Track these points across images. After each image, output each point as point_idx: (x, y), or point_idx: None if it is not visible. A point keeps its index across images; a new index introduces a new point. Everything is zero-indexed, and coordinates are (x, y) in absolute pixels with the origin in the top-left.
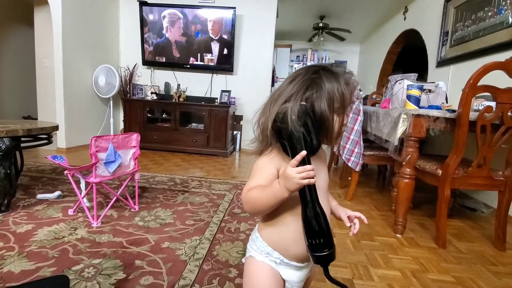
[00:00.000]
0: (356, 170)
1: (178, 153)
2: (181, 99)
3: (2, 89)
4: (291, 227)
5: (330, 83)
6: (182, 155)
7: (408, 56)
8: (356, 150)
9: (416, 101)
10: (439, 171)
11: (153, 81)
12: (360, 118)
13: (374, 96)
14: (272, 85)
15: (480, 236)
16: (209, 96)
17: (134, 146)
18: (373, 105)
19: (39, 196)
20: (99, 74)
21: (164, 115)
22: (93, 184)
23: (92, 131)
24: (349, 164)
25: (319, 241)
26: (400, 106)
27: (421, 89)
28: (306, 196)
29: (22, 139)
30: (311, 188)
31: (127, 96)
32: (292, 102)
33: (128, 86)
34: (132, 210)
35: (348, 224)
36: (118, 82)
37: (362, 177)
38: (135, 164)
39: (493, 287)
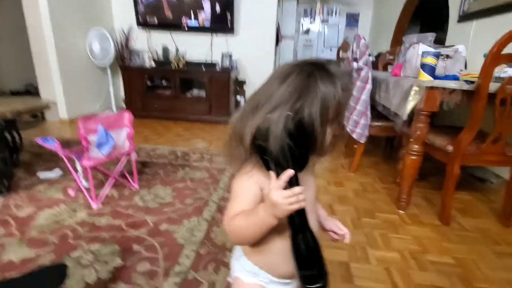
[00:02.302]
0: (361, 142)
1: (180, 121)
2: (180, 65)
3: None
4: (278, 247)
5: (326, 88)
6: (184, 123)
7: (428, 8)
8: (362, 121)
9: (431, 70)
10: (450, 147)
11: (150, 46)
12: (368, 87)
13: (389, 55)
14: (277, 44)
15: (487, 211)
16: (209, 60)
17: (127, 125)
18: (385, 66)
19: (40, 175)
20: (92, 39)
21: (164, 83)
22: (87, 166)
23: (94, 101)
24: (354, 136)
25: (312, 273)
26: (412, 74)
27: (438, 56)
28: (295, 222)
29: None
30: (301, 212)
31: (125, 63)
32: (279, 112)
33: (125, 52)
34: (132, 188)
35: (341, 232)
36: (113, 48)
37: (369, 144)
38: (130, 144)
39: (494, 269)
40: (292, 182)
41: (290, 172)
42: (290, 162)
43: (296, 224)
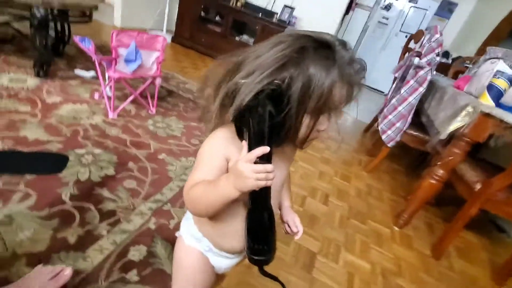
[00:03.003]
0: (388, 145)
1: None
2: (239, 4)
3: None
4: (230, 227)
5: (316, 70)
6: None
7: None
8: (397, 124)
9: (497, 95)
10: (478, 186)
11: None
12: (421, 90)
13: (468, 62)
14: (347, 12)
15: (486, 261)
16: (270, 8)
17: (159, 50)
18: (456, 74)
19: (76, 71)
20: None
21: (217, 18)
22: (112, 78)
23: (148, 17)
24: (383, 137)
25: (262, 247)
26: (476, 92)
27: None
28: (257, 199)
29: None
30: (266, 190)
31: None
32: (256, 76)
33: None
34: (149, 111)
35: (294, 230)
36: None
37: (398, 149)
38: (157, 68)
39: None
40: (264, 158)
41: (265, 148)
42: (266, 136)
43: (258, 201)
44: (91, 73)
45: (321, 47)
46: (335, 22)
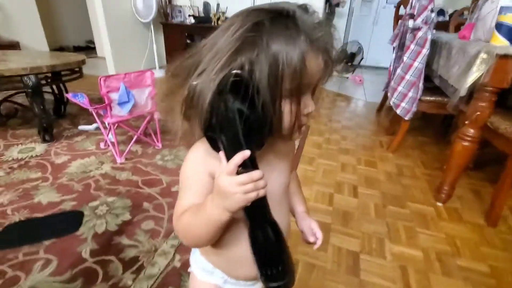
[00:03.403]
0: (406, 119)
1: None
2: (219, 22)
3: (63, 15)
4: (233, 247)
5: (279, 45)
6: None
7: None
8: (410, 94)
9: (508, 32)
10: None
11: (192, 1)
12: (425, 51)
13: (465, 13)
14: (331, 12)
15: None
16: None
17: (149, 85)
18: (458, 27)
19: (80, 127)
20: None
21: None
22: (110, 124)
23: (138, 58)
24: (398, 111)
25: (276, 270)
26: (485, 37)
27: None
28: (254, 215)
29: (63, 73)
30: (260, 203)
31: (167, 20)
32: (210, 71)
33: (167, 8)
34: (155, 147)
35: (311, 240)
36: (156, 3)
37: (420, 121)
38: (152, 103)
39: None
40: (248, 165)
41: (245, 153)
42: (242, 139)
43: (255, 217)
44: (94, 125)
45: (278, 18)
46: (319, 8)
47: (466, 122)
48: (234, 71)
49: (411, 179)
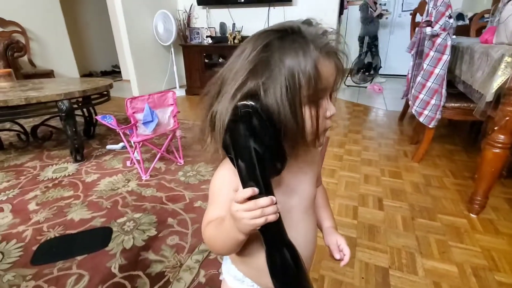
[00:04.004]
0: (430, 126)
1: None
2: (236, 41)
3: (91, 43)
4: (259, 257)
5: (291, 58)
6: None
7: None
8: (432, 101)
9: None
10: None
11: (209, 23)
12: (446, 58)
13: (487, 16)
14: (341, 13)
15: None
16: None
17: (171, 104)
18: (480, 31)
19: (108, 147)
20: (157, 21)
21: (220, 60)
22: (136, 142)
23: (160, 79)
24: (421, 120)
25: None
26: (508, 40)
27: None
28: (268, 238)
29: (92, 96)
30: (275, 225)
31: (186, 42)
32: (225, 99)
33: (186, 31)
34: (178, 164)
35: (337, 257)
36: (175, 28)
37: (446, 128)
38: (174, 121)
39: None
40: (261, 190)
41: (252, 191)
42: (255, 167)
43: (269, 240)
44: (121, 145)
45: (286, 35)
46: (332, 25)
47: (496, 128)
48: (242, 103)
49: (440, 190)
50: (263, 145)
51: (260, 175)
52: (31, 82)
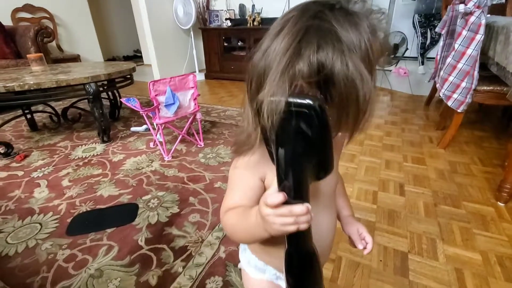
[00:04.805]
0: (459, 111)
1: None
2: (255, 23)
3: (114, 28)
4: (282, 245)
5: (348, 32)
6: None
7: None
8: (463, 84)
9: None
10: None
11: (228, 5)
12: (479, 38)
13: None
14: None
15: None
16: None
17: (192, 87)
18: None
19: (132, 129)
20: (177, 4)
21: (239, 43)
22: (158, 124)
23: (180, 63)
24: (449, 104)
25: None
26: None
27: None
28: (293, 241)
29: (117, 80)
30: (301, 234)
31: (206, 25)
32: (270, 85)
33: (205, 13)
34: (198, 146)
35: (360, 247)
36: (195, 11)
37: (476, 113)
38: (195, 104)
39: None
40: (297, 195)
41: (281, 197)
42: (299, 172)
43: (293, 241)
44: (144, 127)
45: (333, 8)
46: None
47: None
48: (299, 98)
49: (467, 177)
50: (314, 151)
51: (302, 181)
52: (60, 66)
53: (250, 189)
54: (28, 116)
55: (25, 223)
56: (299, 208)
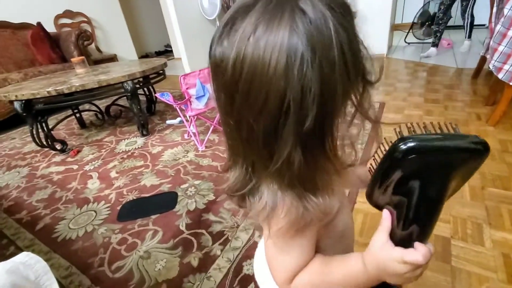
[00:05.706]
0: (511, 84)
1: None
2: None
3: (144, 26)
4: None
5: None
6: None
7: None
8: None
9: None
10: None
11: None
12: None
13: None
14: None
15: None
16: None
17: None
18: None
19: (167, 121)
20: None
21: None
22: (191, 116)
23: (207, 54)
24: (500, 76)
25: None
26: None
27: None
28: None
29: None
30: None
31: None
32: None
33: (230, 1)
34: None
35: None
36: (220, 1)
37: None
38: None
39: None
40: (421, 238)
41: (428, 255)
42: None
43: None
44: (178, 119)
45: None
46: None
47: None
48: (402, 143)
49: None
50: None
51: (435, 222)
52: (99, 67)
53: (313, 244)
54: (77, 115)
55: (83, 211)
56: (429, 254)
